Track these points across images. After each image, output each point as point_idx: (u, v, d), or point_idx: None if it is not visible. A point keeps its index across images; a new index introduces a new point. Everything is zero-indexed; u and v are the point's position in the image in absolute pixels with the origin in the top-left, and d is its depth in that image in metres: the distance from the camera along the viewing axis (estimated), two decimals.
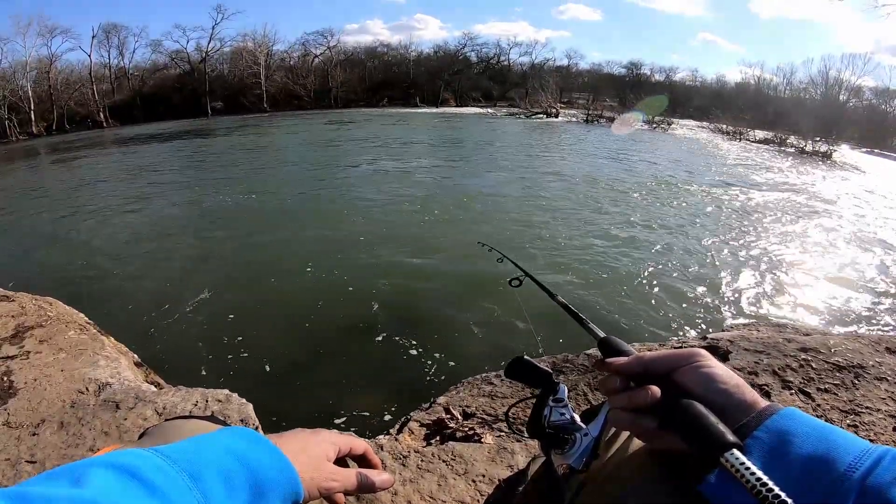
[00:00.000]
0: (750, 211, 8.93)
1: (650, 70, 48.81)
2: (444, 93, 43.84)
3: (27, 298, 2.00)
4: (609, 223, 7.60)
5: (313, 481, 0.47)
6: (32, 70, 31.13)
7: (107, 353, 1.65)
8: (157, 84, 38.44)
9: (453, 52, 48.06)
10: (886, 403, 1.27)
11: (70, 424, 1.26)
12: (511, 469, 1.10)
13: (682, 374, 0.48)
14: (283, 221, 7.64)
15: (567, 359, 1.55)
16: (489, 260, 1.10)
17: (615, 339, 0.56)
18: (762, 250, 6.65)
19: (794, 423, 0.43)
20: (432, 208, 8.34)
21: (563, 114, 34.69)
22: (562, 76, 44.82)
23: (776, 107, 33.80)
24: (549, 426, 0.57)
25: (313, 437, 0.52)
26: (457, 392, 1.48)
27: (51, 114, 31.11)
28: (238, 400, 1.40)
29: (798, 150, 21.99)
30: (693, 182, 11.66)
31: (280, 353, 3.82)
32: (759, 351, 1.50)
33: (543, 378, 0.59)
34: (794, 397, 1.32)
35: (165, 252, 6.27)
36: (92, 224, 7.89)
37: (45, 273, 5.71)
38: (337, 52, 44.58)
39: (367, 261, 5.78)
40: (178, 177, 12.42)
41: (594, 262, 5.90)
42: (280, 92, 40.34)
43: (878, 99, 35.20)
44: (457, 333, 4.13)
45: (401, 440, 1.23)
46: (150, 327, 4.27)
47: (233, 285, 5.15)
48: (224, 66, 40.87)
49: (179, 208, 8.78)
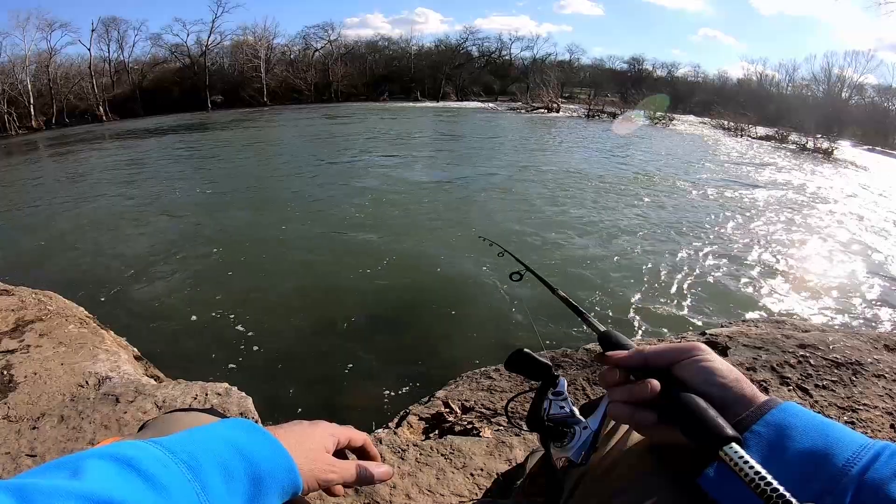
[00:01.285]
0: (750, 207, 8.92)
1: (652, 65, 48.64)
2: (444, 87, 43.62)
3: (27, 292, 2.01)
4: (608, 219, 7.59)
5: (312, 473, 0.47)
6: (32, 64, 30.94)
7: (107, 347, 1.65)
8: (157, 78, 38.24)
9: (454, 47, 47.78)
10: (884, 400, 1.27)
11: (70, 418, 1.27)
12: (509, 463, 1.10)
13: (682, 367, 0.48)
14: (281, 215, 7.63)
15: (566, 353, 1.55)
16: (490, 254, 1.09)
17: (615, 333, 0.56)
18: (761, 247, 6.65)
19: (793, 417, 0.43)
20: (431, 202, 8.33)
21: (564, 109, 34.50)
22: (563, 71, 44.53)
23: (778, 103, 33.65)
24: (548, 419, 0.57)
25: (312, 428, 0.52)
26: (456, 386, 1.48)
27: (50, 108, 30.95)
28: (237, 393, 1.40)
29: (799, 147, 21.90)
30: (693, 178, 11.64)
31: (279, 346, 3.84)
32: (758, 347, 1.50)
33: (543, 371, 0.59)
34: (791, 393, 1.32)
35: (165, 246, 6.27)
36: (91, 218, 7.87)
37: (45, 267, 5.71)
38: (337, 46, 44.33)
39: (367, 254, 5.78)
40: (177, 170, 12.39)
41: (593, 256, 5.90)
42: (280, 86, 40.14)
43: (881, 97, 35.06)
44: (456, 327, 4.14)
45: (400, 434, 1.23)
46: (149, 321, 4.28)
47: (232, 279, 5.16)
48: (224, 60, 40.67)
49: (178, 203, 8.76)
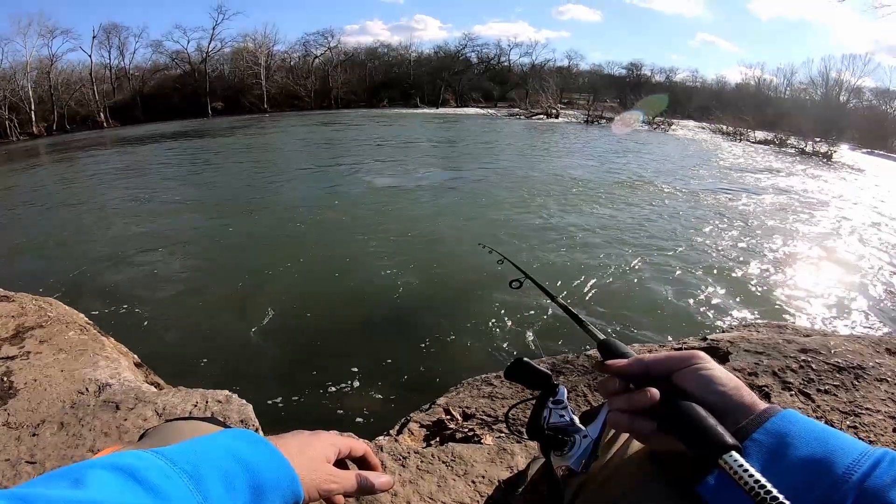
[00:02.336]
0: (749, 211, 8.93)
1: (651, 71, 48.90)
2: (444, 93, 43.85)
3: (27, 299, 2.01)
4: (608, 225, 7.60)
5: (313, 483, 0.48)
6: (33, 70, 31.12)
7: (107, 354, 1.65)
8: (158, 84, 38.45)
9: (454, 53, 48.05)
10: (886, 405, 1.27)
11: (70, 425, 1.26)
12: (511, 470, 1.10)
13: (682, 376, 0.48)
14: (280, 222, 7.64)
15: (567, 360, 1.54)
16: (489, 261, 1.10)
17: (615, 341, 0.56)
18: (761, 251, 6.65)
19: (792, 425, 0.43)
20: (430, 209, 8.35)
21: (563, 114, 34.65)
22: (562, 77, 44.77)
23: (776, 107, 33.78)
24: (548, 428, 0.57)
25: (313, 438, 0.52)
26: (456, 393, 1.48)
27: (51, 114, 31.09)
28: (238, 401, 1.40)
29: (798, 151, 21.97)
30: (691, 184, 11.66)
31: (280, 354, 3.83)
32: (759, 352, 1.50)
33: (543, 380, 0.59)
34: (793, 398, 1.32)
35: (164, 253, 6.28)
36: (91, 224, 7.89)
37: (45, 273, 5.71)
38: (337, 53, 44.58)
39: (366, 262, 5.79)
40: (178, 177, 12.43)
41: (593, 263, 5.90)
42: (280, 92, 40.34)
43: (879, 100, 35.23)
44: (456, 335, 4.13)
45: (400, 441, 1.23)
46: (150, 328, 4.28)
47: (232, 286, 5.16)
48: (224, 67, 40.91)
49: (178, 209, 8.78)
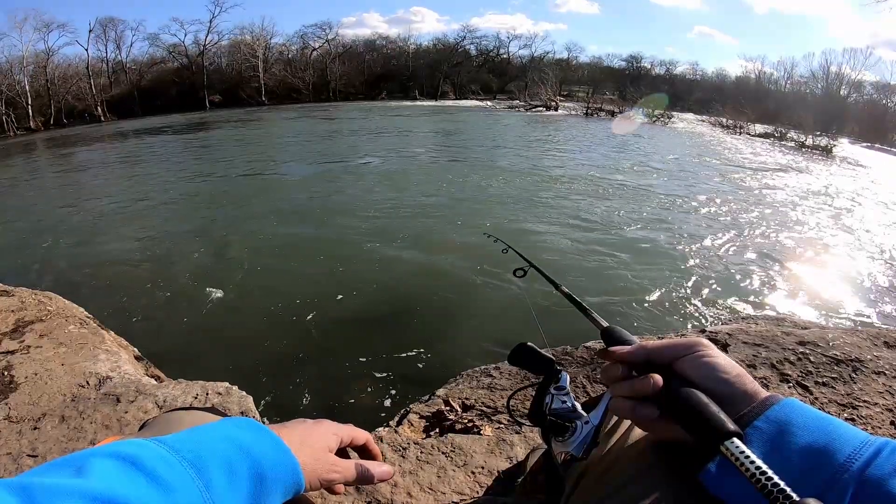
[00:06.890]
0: (749, 205, 8.92)
1: (650, 63, 48.69)
2: (443, 86, 43.61)
3: (27, 293, 2.00)
4: (609, 217, 7.59)
5: (315, 472, 0.48)
6: (29, 65, 30.92)
7: (107, 347, 1.65)
8: (155, 78, 38.20)
9: (452, 45, 47.73)
10: (884, 397, 1.27)
11: (71, 418, 1.27)
12: (510, 461, 1.10)
13: (684, 363, 0.48)
14: (282, 214, 7.61)
15: (566, 351, 1.55)
16: (493, 250, 1.09)
17: (618, 329, 0.56)
18: (761, 244, 6.65)
19: (794, 413, 0.43)
20: (432, 199, 8.32)
21: (562, 107, 34.50)
22: (561, 69, 44.57)
23: (777, 101, 33.70)
24: (550, 413, 0.57)
25: (315, 427, 0.52)
26: (456, 384, 1.48)
27: (48, 108, 30.90)
28: (238, 392, 1.40)
29: (798, 145, 21.93)
30: (691, 176, 11.65)
31: (280, 345, 3.83)
32: (758, 344, 1.50)
33: (546, 365, 0.59)
34: (791, 390, 1.32)
35: (164, 246, 6.26)
36: (90, 219, 7.86)
37: (45, 268, 5.71)
38: (335, 45, 44.27)
39: (366, 252, 5.78)
40: (176, 170, 12.35)
41: (595, 253, 5.91)
42: (278, 85, 40.10)
43: (879, 94, 35.14)
44: (458, 325, 4.13)
45: (400, 432, 1.23)
46: (149, 321, 4.28)
47: (232, 278, 5.15)
48: (222, 60, 40.65)
49: (177, 202, 8.75)
